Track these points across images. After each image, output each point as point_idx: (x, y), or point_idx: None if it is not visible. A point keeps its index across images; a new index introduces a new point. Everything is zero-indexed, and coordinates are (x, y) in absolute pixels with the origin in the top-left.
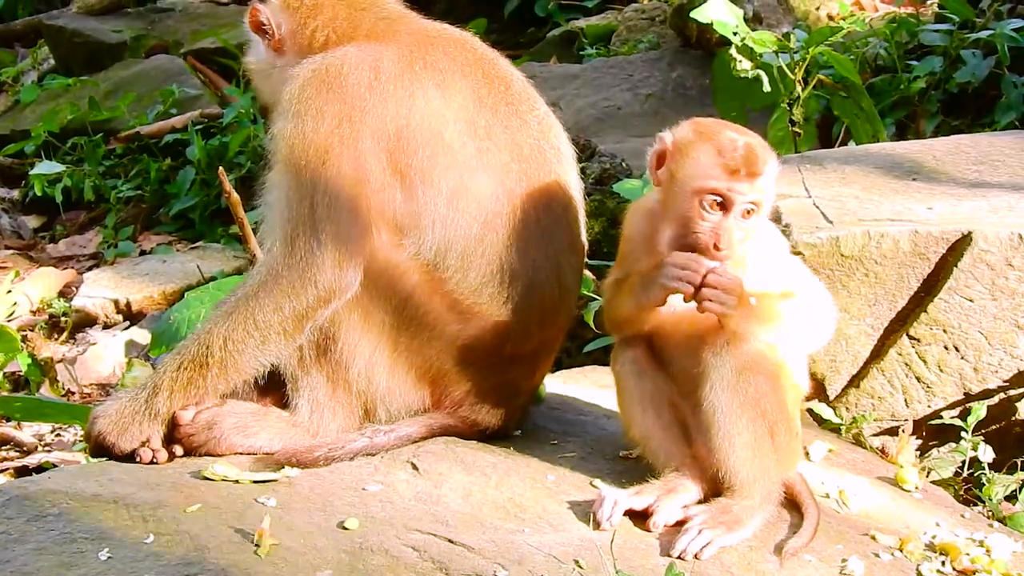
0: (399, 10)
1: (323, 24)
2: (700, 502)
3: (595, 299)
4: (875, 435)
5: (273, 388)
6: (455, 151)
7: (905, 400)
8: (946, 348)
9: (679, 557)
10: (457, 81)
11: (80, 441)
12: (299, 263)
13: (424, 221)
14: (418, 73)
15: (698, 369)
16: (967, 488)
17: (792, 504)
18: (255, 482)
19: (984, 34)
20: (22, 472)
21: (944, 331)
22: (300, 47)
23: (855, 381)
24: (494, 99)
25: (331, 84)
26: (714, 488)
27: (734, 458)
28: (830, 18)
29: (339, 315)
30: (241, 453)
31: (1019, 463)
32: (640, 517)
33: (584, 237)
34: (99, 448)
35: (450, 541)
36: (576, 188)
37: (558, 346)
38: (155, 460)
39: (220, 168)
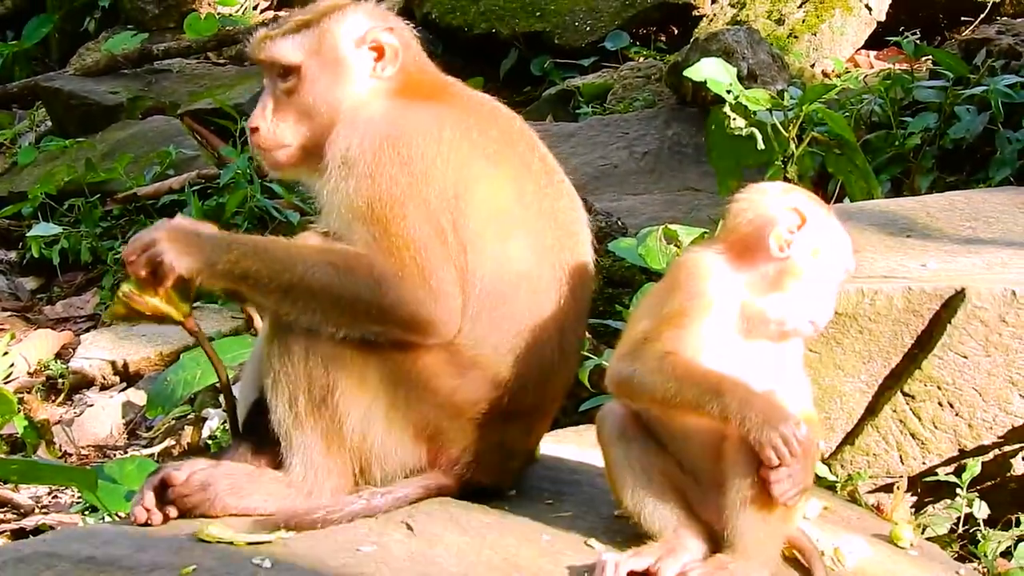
0: (448, 77)
1: (414, 76)
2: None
3: (590, 358)
4: (870, 492)
5: (267, 449)
6: (504, 218)
7: (900, 457)
8: (940, 404)
9: None
10: (506, 150)
11: (78, 502)
12: (408, 288)
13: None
14: (475, 141)
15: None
16: (962, 545)
17: (789, 560)
18: (250, 543)
19: (978, 90)
20: (19, 534)
21: (938, 388)
22: (389, 88)
23: (850, 438)
24: (537, 168)
25: (399, 148)
26: (715, 547)
27: (743, 518)
28: (825, 75)
29: (336, 367)
30: (235, 514)
31: (1014, 519)
32: None
33: (587, 304)
34: (145, 249)
35: None
36: (590, 255)
37: (555, 410)
38: (149, 522)
39: None
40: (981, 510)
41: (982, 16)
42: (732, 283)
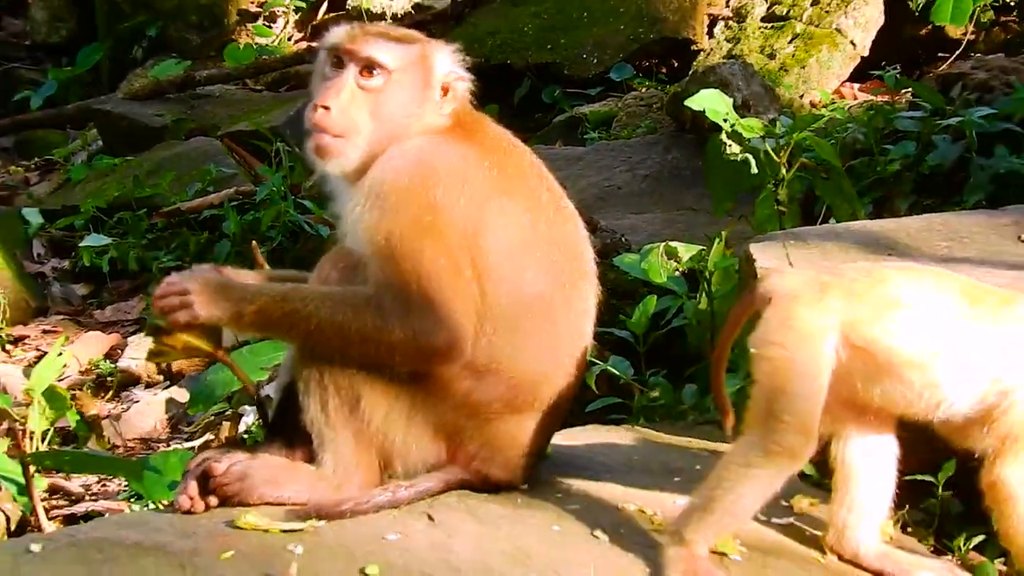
0: (478, 115)
1: (459, 119)
2: None
3: (596, 364)
4: None
5: (302, 443)
6: (519, 248)
7: None
8: None
9: None
10: (520, 185)
11: (124, 490)
12: (414, 322)
13: (479, 303)
14: (495, 178)
15: None
16: (938, 538)
17: None
18: (284, 531)
19: (954, 121)
20: (70, 520)
21: None
22: (439, 125)
23: None
24: (546, 198)
25: (428, 187)
26: None
27: None
28: (813, 106)
29: (361, 375)
30: (271, 503)
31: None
32: None
33: (593, 316)
34: (179, 294)
35: None
36: (594, 272)
37: (565, 411)
38: (193, 509)
39: (253, 241)
40: (956, 506)
41: (958, 52)
42: None
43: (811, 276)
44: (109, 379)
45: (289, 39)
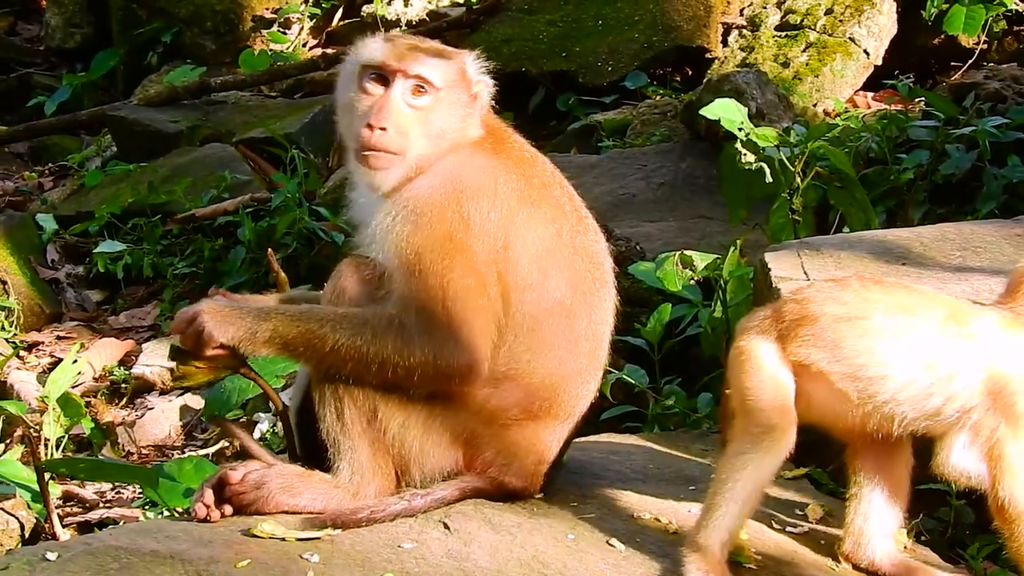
0: (500, 123)
1: (487, 126)
2: None
3: (612, 372)
4: None
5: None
6: (545, 258)
7: None
8: None
9: None
10: (545, 196)
11: (138, 497)
12: (435, 343)
13: (502, 318)
14: (524, 192)
15: None
16: (951, 547)
17: None
18: (300, 539)
19: (967, 130)
20: (84, 527)
21: None
22: (472, 134)
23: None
24: (569, 209)
25: (462, 203)
26: None
27: None
28: (826, 114)
29: (379, 385)
30: (287, 512)
31: None
32: None
33: (612, 325)
34: (190, 323)
35: None
36: (613, 282)
37: (581, 419)
38: (208, 518)
39: (269, 249)
40: (969, 516)
41: (970, 62)
42: None
43: (771, 304)
44: (123, 386)
45: (304, 45)
